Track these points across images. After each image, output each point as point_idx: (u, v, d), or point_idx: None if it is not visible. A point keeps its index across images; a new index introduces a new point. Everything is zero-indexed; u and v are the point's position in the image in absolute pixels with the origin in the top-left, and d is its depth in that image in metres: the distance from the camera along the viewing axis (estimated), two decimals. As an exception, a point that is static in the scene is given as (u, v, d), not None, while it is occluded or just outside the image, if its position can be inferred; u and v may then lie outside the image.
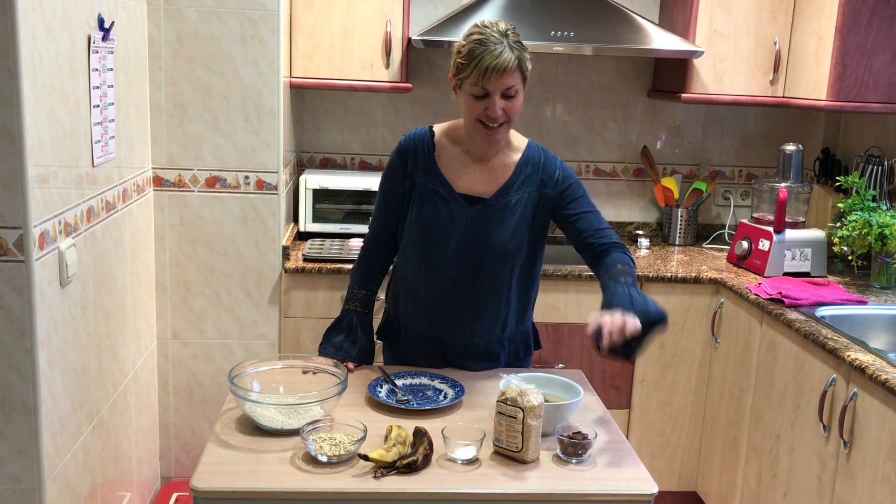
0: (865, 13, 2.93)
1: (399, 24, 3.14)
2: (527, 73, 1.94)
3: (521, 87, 1.94)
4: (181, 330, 2.97)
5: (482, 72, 1.88)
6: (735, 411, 2.94)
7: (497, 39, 1.88)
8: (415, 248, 2.09)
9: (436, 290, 2.09)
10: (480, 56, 1.88)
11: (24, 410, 1.86)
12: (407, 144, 2.10)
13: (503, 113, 1.93)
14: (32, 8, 1.78)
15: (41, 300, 1.86)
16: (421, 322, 2.14)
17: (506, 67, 1.87)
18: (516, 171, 2.06)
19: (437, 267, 2.07)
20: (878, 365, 2.17)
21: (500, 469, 1.67)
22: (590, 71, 3.63)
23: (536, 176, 2.06)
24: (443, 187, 2.05)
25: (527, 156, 2.08)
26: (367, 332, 2.17)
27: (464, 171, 2.06)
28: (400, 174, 2.09)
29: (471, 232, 2.04)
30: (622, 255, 2.01)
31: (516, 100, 1.94)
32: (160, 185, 2.86)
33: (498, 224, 2.04)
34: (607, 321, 1.75)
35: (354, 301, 2.17)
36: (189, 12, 2.75)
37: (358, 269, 2.21)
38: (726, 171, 3.78)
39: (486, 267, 2.05)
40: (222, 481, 1.59)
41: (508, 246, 2.04)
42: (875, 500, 2.13)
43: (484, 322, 2.11)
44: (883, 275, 2.97)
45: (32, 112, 1.79)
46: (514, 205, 2.05)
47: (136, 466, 2.73)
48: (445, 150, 2.08)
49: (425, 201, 2.05)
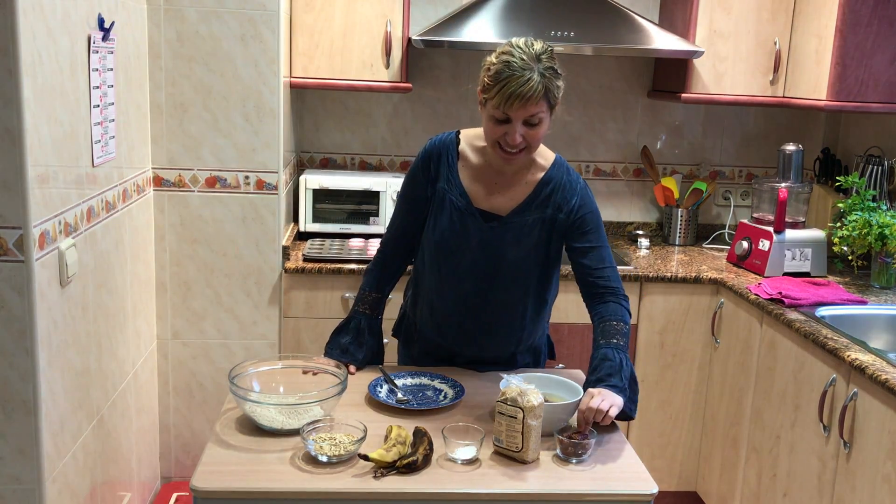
0: (865, 13, 2.93)
1: (399, 24, 3.13)
2: (555, 102, 1.85)
3: (547, 115, 1.86)
4: (181, 330, 2.97)
5: (505, 97, 1.79)
6: (735, 411, 2.94)
7: (526, 65, 1.78)
8: (430, 259, 2.06)
9: (448, 304, 2.07)
10: (506, 81, 1.79)
11: (24, 410, 1.86)
12: (432, 150, 2.04)
13: (523, 140, 1.86)
14: (32, 8, 1.78)
15: (41, 300, 1.86)
16: (434, 331, 2.13)
17: (530, 96, 1.78)
18: (536, 189, 2.00)
19: (450, 281, 2.04)
20: (878, 365, 2.17)
21: (500, 469, 1.67)
22: (590, 71, 3.63)
23: (555, 198, 2.00)
24: (461, 199, 2.00)
25: (550, 175, 2.01)
26: (375, 335, 2.15)
27: (484, 185, 2.01)
28: (422, 179, 2.04)
29: (485, 249, 2.00)
30: (620, 307, 1.98)
31: (539, 128, 1.86)
32: (160, 185, 2.86)
33: (513, 243, 2.00)
34: (592, 410, 1.76)
35: (364, 303, 2.14)
36: (189, 12, 2.75)
37: (372, 271, 2.17)
38: (726, 171, 3.78)
39: (499, 285, 2.02)
40: (222, 481, 1.59)
41: (522, 266, 2.01)
42: (875, 500, 2.13)
43: (495, 340, 2.10)
44: (883, 275, 2.97)
45: (32, 112, 1.79)
46: (531, 225, 2.00)
47: (136, 466, 2.73)
48: (468, 161, 2.03)
49: (443, 212, 2.01)
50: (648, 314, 3.10)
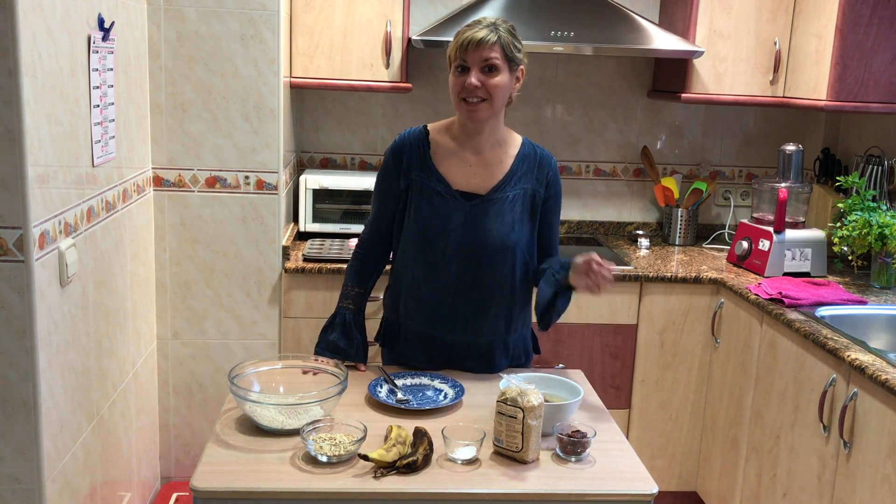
0: (865, 13, 2.93)
1: (399, 24, 3.14)
2: (512, 55, 1.98)
3: (505, 66, 1.98)
4: (181, 330, 2.97)
5: (460, 42, 1.96)
6: (735, 411, 2.94)
7: (485, 23, 1.97)
8: (414, 247, 2.09)
9: (437, 289, 2.09)
10: (464, 31, 1.98)
11: (24, 410, 1.86)
12: (401, 142, 2.12)
13: (483, 87, 1.96)
14: (32, 8, 1.78)
15: (41, 300, 1.86)
16: (422, 322, 2.13)
17: (482, 39, 1.94)
18: (513, 167, 2.08)
19: (438, 264, 2.07)
20: (878, 365, 2.17)
21: (500, 469, 1.67)
22: (590, 71, 3.63)
23: (533, 173, 2.09)
24: (440, 184, 2.06)
25: (523, 153, 2.11)
26: (361, 331, 2.18)
27: (460, 168, 2.08)
28: (394, 172, 2.10)
29: (470, 228, 2.05)
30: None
31: (496, 76, 1.97)
32: (160, 185, 2.86)
33: (496, 219, 2.04)
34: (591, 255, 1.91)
35: (348, 299, 2.18)
36: (189, 12, 2.75)
37: (352, 267, 2.22)
38: (726, 171, 3.78)
39: (486, 263, 2.06)
40: (222, 481, 1.59)
41: (508, 241, 2.05)
42: (875, 500, 2.13)
43: (487, 320, 2.11)
44: (883, 275, 2.97)
45: (32, 112, 1.79)
46: (513, 200, 2.06)
47: (136, 466, 2.73)
48: (441, 147, 2.10)
49: (423, 199, 2.06)
50: (648, 314, 3.10)
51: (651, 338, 3.12)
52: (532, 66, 3.60)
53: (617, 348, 3.12)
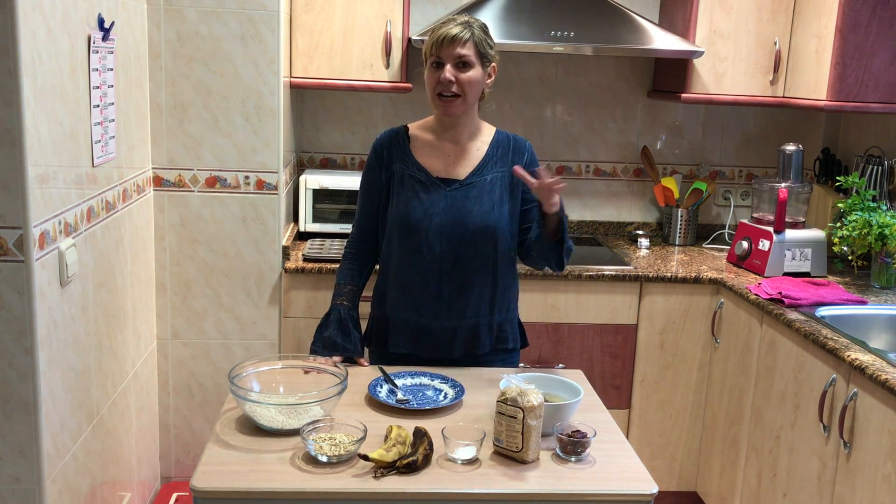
0: (865, 13, 2.93)
1: (399, 24, 3.14)
2: (485, 52, 2.07)
3: (478, 63, 2.06)
4: (181, 330, 2.97)
5: (436, 40, 2.04)
6: (735, 411, 2.94)
7: (459, 20, 2.06)
8: (398, 233, 2.14)
9: (422, 274, 2.13)
10: (438, 28, 2.06)
11: (24, 410, 1.86)
12: (381, 139, 2.23)
13: (456, 83, 2.04)
14: (32, 8, 1.78)
15: (41, 300, 1.86)
16: (409, 310, 2.16)
17: (455, 36, 2.02)
18: (489, 152, 2.18)
19: (421, 249, 2.12)
20: (878, 365, 2.17)
21: (500, 469, 1.67)
22: (590, 71, 3.63)
23: (508, 157, 2.18)
24: (420, 172, 2.15)
25: (497, 139, 2.20)
26: (357, 325, 2.20)
27: (439, 157, 2.17)
28: (376, 167, 2.20)
29: (451, 211, 2.11)
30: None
31: (469, 72, 2.05)
32: (160, 185, 2.86)
33: (476, 201, 2.12)
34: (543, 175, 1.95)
35: (341, 296, 2.21)
36: (189, 12, 2.75)
37: (343, 266, 2.26)
38: (726, 171, 3.78)
39: (468, 244, 2.11)
40: (222, 481, 1.59)
41: (488, 221, 2.11)
42: (875, 500, 2.13)
43: (471, 301, 2.15)
44: (883, 275, 2.97)
45: (32, 112, 1.79)
46: (491, 182, 2.15)
47: (136, 466, 2.73)
48: (420, 140, 2.20)
49: (404, 187, 2.14)
50: (648, 314, 3.10)
51: (651, 338, 3.12)
52: (532, 66, 3.61)
53: (617, 348, 3.12)
